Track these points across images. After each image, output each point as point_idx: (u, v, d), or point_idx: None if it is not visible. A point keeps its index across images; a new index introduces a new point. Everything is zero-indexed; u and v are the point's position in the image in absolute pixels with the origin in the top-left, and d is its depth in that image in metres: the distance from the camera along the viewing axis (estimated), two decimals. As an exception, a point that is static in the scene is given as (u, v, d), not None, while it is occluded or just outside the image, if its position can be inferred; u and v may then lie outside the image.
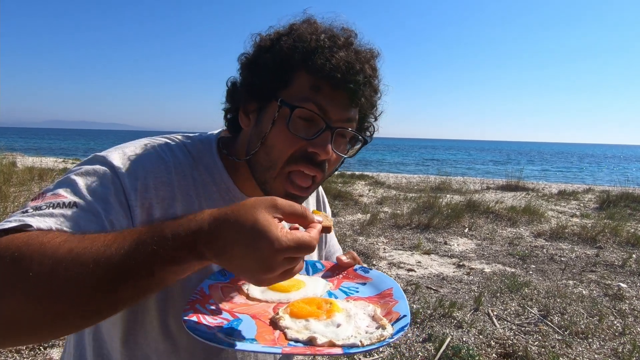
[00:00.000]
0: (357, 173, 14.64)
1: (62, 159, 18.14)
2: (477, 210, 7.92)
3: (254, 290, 0.79)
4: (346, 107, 0.82)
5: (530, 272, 4.96)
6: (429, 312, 3.63)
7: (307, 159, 0.81)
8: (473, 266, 5.11)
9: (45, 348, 2.91)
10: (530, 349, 3.03)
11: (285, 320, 0.68)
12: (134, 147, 0.83)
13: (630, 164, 47.90)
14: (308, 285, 0.82)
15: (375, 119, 0.97)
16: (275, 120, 0.81)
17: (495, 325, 3.48)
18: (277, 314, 0.70)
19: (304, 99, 0.80)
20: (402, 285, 4.37)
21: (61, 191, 0.70)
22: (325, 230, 0.67)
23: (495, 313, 3.73)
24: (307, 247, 0.58)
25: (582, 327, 3.46)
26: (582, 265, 5.24)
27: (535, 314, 3.72)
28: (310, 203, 1.15)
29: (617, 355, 3.07)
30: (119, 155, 0.80)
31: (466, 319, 3.55)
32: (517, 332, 3.37)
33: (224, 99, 0.94)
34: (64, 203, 0.67)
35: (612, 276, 4.83)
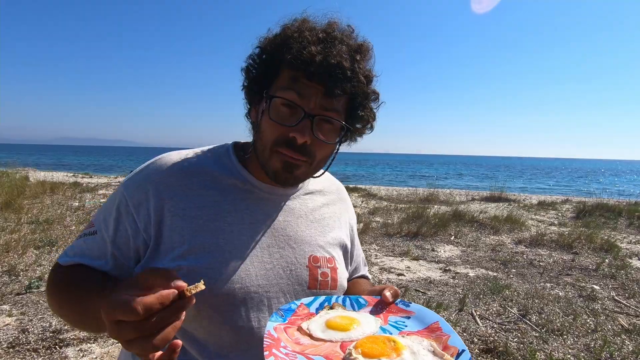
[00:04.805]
0: (350, 186, 14.76)
1: (72, 174, 18.14)
2: (463, 220, 8.03)
3: (315, 330, 0.78)
4: (323, 97, 0.82)
5: (511, 276, 5.04)
6: (417, 312, 3.69)
7: (289, 143, 0.84)
8: (458, 271, 5.19)
9: (61, 347, 2.95)
10: (509, 345, 3.11)
11: None
12: (148, 164, 0.92)
13: (621, 177, 48.15)
14: (362, 323, 0.80)
15: (370, 110, 0.93)
16: (263, 110, 0.86)
17: (478, 324, 3.55)
18: (350, 354, 0.69)
19: (284, 89, 0.83)
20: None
21: (93, 219, 0.92)
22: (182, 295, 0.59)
23: (478, 313, 3.80)
24: (125, 307, 0.54)
25: (558, 325, 3.54)
26: (559, 269, 5.33)
27: (515, 314, 3.80)
28: (339, 207, 1.12)
29: (589, 350, 3.15)
30: (131, 178, 0.90)
31: (451, 318, 3.62)
32: (498, 330, 3.44)
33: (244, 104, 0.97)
34: (89, 232, 0.90)
35: (587, 279, 4.93)
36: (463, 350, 0.68)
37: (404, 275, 4.94)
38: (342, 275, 1.01)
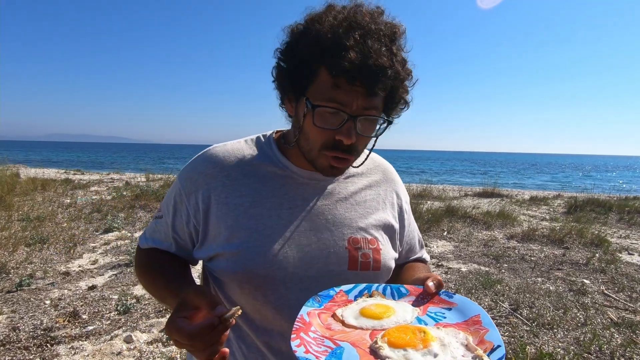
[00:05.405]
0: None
1: (63, 170, 17.97)
2: (456, 215, 8.07)
3: (348, 316, 0.78)
4: (364, 97, 0.83)
5: (503, 271, 5.08)
6: (409, 307, 3.72)
7: (336, 146, 0.86)
8: (451, 266, 5.22)
9: (52, 345, 2.94)
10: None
11: (385, 350, 0.67)
12: (198, 156, 1.01)
13: (613, 173, 48.48)
14: (398, 312, 0.79)
15: (402, 98, 0.93)
16: (305, 114, 0.86)
17: (470, 319, 3.58)
18: (376, 342, 0.69)
19: (325, 96, 0.83)
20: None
21: (161, 205, 1.04)
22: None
23: (470, 308, 3.83)
24: (178, 333, 0.69)
25: (549, 319, 3.59)
26: (550, 264, 5.38)
27: (506, 308, 3.84)
28: (383, 188, 1.10)
29: (579, 343, 3.20)
30: (185, 169, 1.00)
31: (444, 313, 3.64)
32: (489, 324, 3.48)
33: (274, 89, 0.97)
34: (157, 216, 1.03)
35: (577, 273, 4.99)
36: (498, 346, 0.66)
37: (397, 271, 4.97)
38: (387, 256, 0.99)
